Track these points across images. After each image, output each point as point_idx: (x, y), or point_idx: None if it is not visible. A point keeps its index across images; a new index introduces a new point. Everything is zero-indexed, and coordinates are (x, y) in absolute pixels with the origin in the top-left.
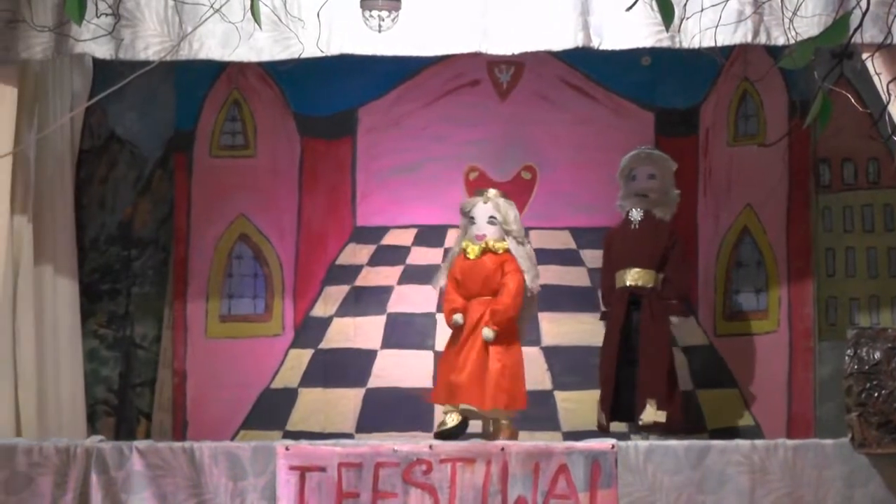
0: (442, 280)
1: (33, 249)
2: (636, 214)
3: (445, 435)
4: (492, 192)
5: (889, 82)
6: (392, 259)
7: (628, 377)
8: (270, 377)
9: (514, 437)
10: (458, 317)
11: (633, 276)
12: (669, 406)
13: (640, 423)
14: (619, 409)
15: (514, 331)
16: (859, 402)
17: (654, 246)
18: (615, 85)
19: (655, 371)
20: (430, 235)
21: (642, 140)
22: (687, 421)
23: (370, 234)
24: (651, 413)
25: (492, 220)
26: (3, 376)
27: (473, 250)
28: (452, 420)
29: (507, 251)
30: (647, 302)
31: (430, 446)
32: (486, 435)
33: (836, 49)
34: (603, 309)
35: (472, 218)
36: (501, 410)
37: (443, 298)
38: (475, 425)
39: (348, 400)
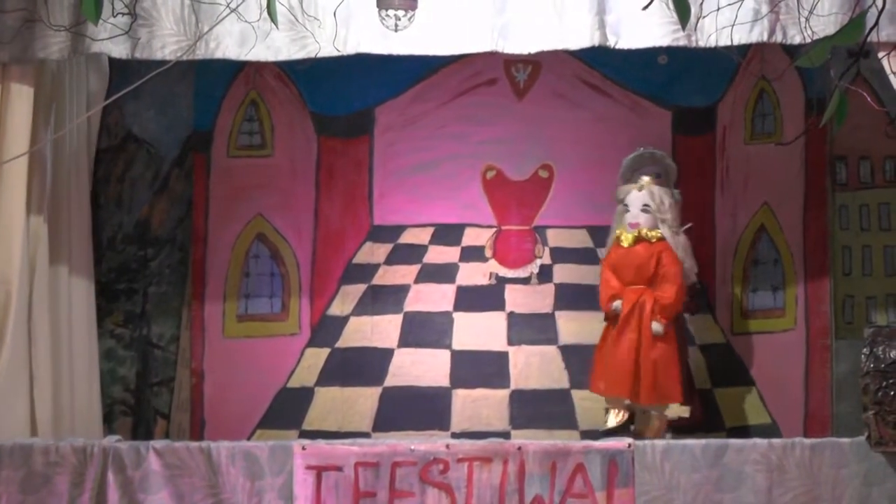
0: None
1: (49, 249)
2: None
3: (611, 433)
4: (646, 179)
5: None
6: (409, 258)
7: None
8: (287, 376)
9: (662, 430)
10: (617, 303)
11: None
12: (691, 402)
13: (668, 420)
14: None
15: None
16: (876, 401)
17: None
18: (632, 83)
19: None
20: (448, 234)
21: (659, 139)
22: (705, 419)
23: (387, 233)
24: (675, 408)
25: (645, 209)
26: (20, 376)
27: (627, 238)
28: (617, 418)
29: (661, 239)
30: None
31: (448, 445)
32: (639, 428)
33: (852, 48)
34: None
35: (626, 206)
36: (656, 405)
37: (600, 286)
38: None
39: (365, 399)
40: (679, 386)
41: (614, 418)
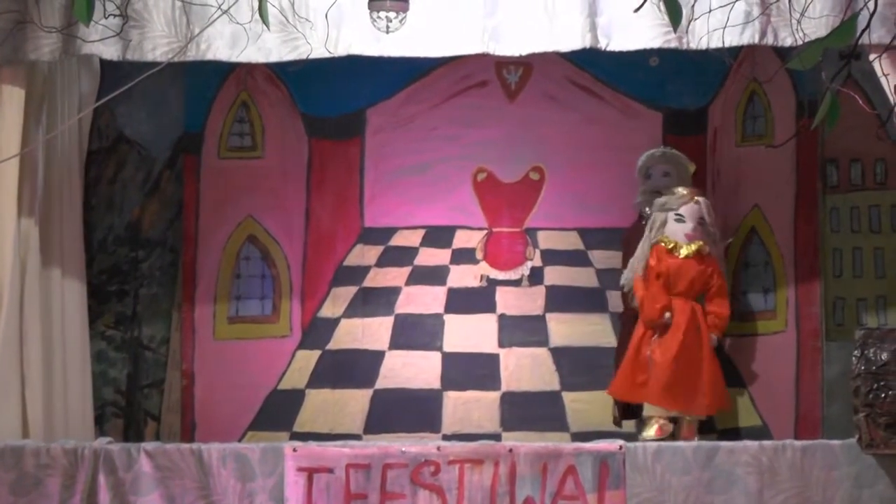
0: (639, 270)
1: (41, 250)
2: (649, 212)
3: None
4: (698, 192)
5: None
6: (400, 260)
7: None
8: (278, 378)
9: (693, 434)
10: (669, 315)
11: None
12: None
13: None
14: (631, 406)
15: None
16: (867, 403)
17: None
18: (623, 85)
19: None
20: (439, 236)
21: (651, 140)
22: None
23: (378, 235)
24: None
25: (702, 222)
26: (11, 378)
27: (687, 249)
28: (665, 430)
29: (710, 255)
30: None
31: (439, 447)
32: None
33: (843, 50)
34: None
35: (681, 216)
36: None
37: (647, 295)
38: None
39: (356, 401)
40: (728, 393)
41: (662, 430)
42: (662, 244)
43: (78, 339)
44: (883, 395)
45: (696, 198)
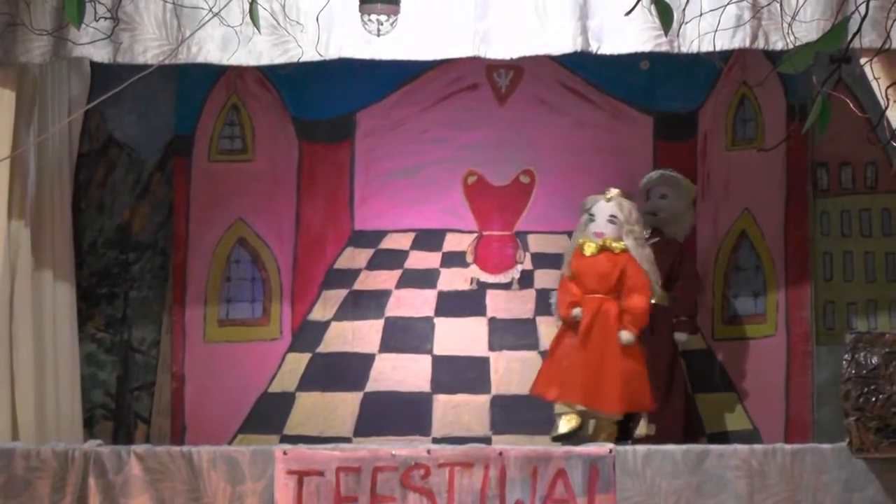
0: (566, 272)
1: (31, 253)
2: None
3: (561, 439)
4: (614, 191)
5: (887, 87)
6: (390, 263)
7: None
8: (268, 381)
9: (612, 437)
10: (577, 311)
11: None
12: (659, 419)
13: (634, 437)
14: (627, 424)
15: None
16: (857, 407)
17: (660, 264)
18: (614, 89)
19: (651, 387)
20: (429, 239)
21: (641, 144)
22: (686, 428)
23: (368, 238)
24: (643, 427)
25: (612, 220)
26: (1, 380)
27: (590, 247)
28: (569, 425)
29: (625, 251)
30: (651, 319)
31: (429, 451)
32: (588, 434)
33: (834, 54)
34: None
35: (592, 215)
36: (610, 413)
37: (558, 293)
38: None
39: (346, 404)
40: (650, 394)
41: (566, 424)
42: (580, 244)
43: (68, 342)
44: (873, 399)
45: (609, 197)
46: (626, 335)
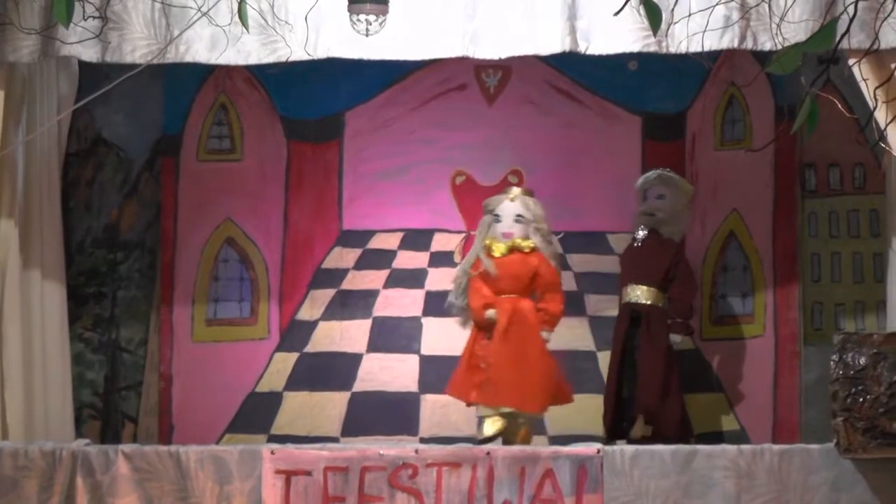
0: (469, 272)
1: (20, 252)
2: (640, 233)
3: (487, 441)
4: (517, 190)
5: (875, 88)
6: (378, 263)
7: (630, 395)
8: (256, 381)
9: (528, 439)
10: (491, 312)
11: (635, 294)
12: (656, 421)
13: (629, 438)
14: (621, 426)
15: None
16: (845, 408)
17: (656, 264)
18: (602, 89)
19: (647, 388)
20: (417, 239)
21: (629, 145)
22: (679, 430)
23: (356, 238)
24: (639, 428)
25: (519, 219)
26: None
27: (499, 248)
28: (495, 427)
29: (534, 250)
30: (647, 319)
31: (416, 450)
32: (508, 435)
33: (823, 55)
34: None
35: (498, 216)
36: (529, 413)
37: (469, 294)
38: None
39: (334, 404)
40: (567, 386)
41: (492, 427)
42: (487, 245)
43: (58, 341)
44: (861, 400)
45: (512, 196)
46: (546, 335)
